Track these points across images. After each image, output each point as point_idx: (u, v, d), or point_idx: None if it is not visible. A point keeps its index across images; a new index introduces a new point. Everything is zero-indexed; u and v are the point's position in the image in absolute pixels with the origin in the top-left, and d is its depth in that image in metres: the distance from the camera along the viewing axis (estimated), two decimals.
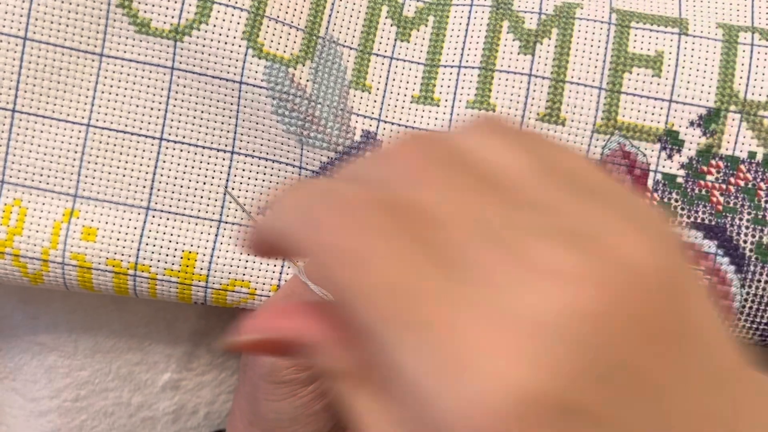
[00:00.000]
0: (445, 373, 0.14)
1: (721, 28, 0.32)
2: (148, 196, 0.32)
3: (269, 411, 0.31)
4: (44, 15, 0.31)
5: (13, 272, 0.32)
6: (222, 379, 0.42)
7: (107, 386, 0.40)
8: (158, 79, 0.32)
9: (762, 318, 0.32)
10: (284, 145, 0.32)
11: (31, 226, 0.32)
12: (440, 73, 0.33)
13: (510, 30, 0.32)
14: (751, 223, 0.32)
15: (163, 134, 0.32)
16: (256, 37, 0.31)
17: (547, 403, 0.13)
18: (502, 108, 0.32)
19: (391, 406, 0.16)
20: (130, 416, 0.40)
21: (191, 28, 0.31)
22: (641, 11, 0.33)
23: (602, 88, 0.32)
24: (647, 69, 0.32)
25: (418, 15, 0.33)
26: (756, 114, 0.31)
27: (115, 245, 0.32)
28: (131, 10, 0.32)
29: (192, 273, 0.33)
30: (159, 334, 0.40)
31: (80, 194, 0.32)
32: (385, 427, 0.15)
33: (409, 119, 0.33)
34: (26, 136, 0.32)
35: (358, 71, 0.33)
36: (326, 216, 0.16)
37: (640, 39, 0.32)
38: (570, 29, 0.32)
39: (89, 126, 0.32)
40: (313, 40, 0.32)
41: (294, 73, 0.32)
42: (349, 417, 0.17)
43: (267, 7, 0.32)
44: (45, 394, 0.39)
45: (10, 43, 0.31)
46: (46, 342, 0.39)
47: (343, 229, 0.15)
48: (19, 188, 0.32)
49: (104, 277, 0.32)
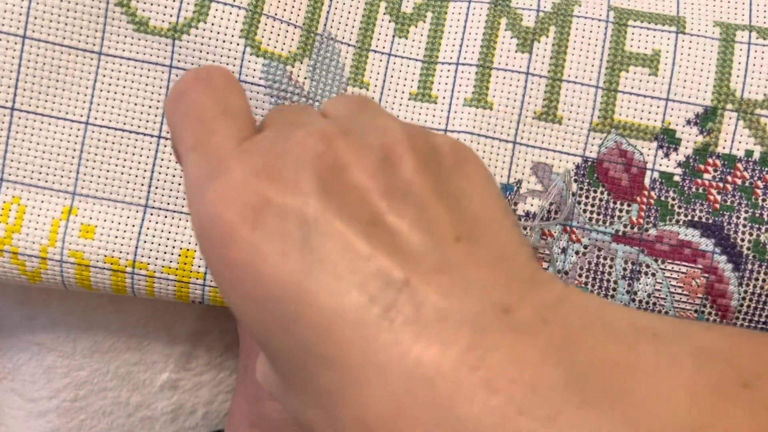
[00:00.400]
0: (207, 176, 0.19)
1: (718, 26, 0.32)
2: (147, 194, 0.32)
3: (273, 411, 0.31)
4: (43, 13, 0.31)
5: (12, 270, 0.32)
6: (220, 379, 0.42)
7: (106, 386, 0.40)
8: (156, 77, 0.32)
9: (760, 316, 0.32)
10: None
11: (30, 223, 0.32)
12: (438, 70, 0.33)
13: (508, 27, 0.32)
14: (749, 222, 0.32)
15: (161, 132, 0.32)
16: (254, 35, 0.31)
17: (254, 199, 0.18)
18: (500, 106, 0.32)
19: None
20: (129, 416, 0.40)
21: (189, 27, 0.31)
22: (639, 9, 0.33)
23: (599, 86, 0.32)
24: (644, 67, 0.32)
25: (416, 12, 0.33)
26: (753, 112, 0.31)
27: (114, 243, 0.32)
28: (130, 9, 0.32)
29: (190, 271, 0.33)
30: (157, 334, 0.40)
31: (79, 192, 0.32)
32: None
33: (406, 116, 0.33)
34: (25, 134, 0.32)
35: (356, 68, 0.33)
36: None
37: (638, 37, 0.32)
38: (567, 27, 0.32)
39: (88, 124, 0.32)
40: (311, 37, 0.32)
41: (292, 70, 0.32)
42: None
43: (265, 5, 0.32)
44: (44, 394, 0.39)
45: (9, 42, 0.31)
46: (45, 342, 0.39)
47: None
48: (17, 186, 0.32)
49: (102, 275, 0.32)
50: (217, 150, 0.20)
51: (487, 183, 0.20)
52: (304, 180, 0.18)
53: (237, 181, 0.19)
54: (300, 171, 0.19)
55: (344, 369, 0.16)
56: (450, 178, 0.20)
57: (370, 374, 0.16)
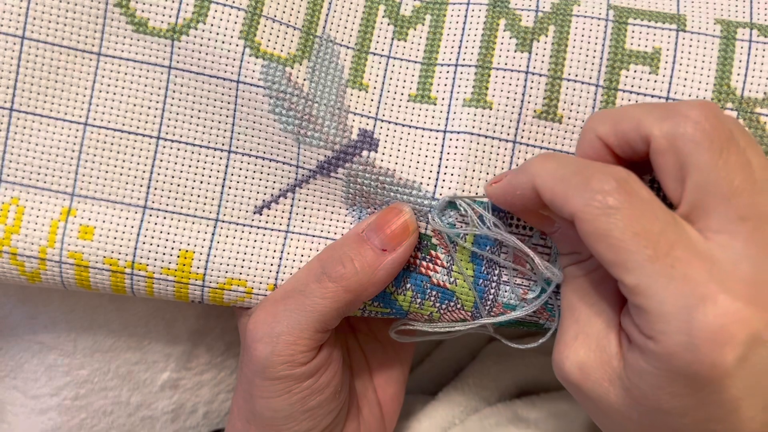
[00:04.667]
0: (685, 302, 0.23)
1: (719, 23, 0.32)
2: (145, 195, 0.32)
3: (264, 409, 0.31)
4: (42, 14, 0.31)
5: (11, 270, 0.32)
6: (221, 379, 0.42)
7: (106, 385, 0.40)
8: (155, 78, 0.32)
9: None
10: (281, 144, 0.32)
11: (29, 224, 0.32)
12: (437, 71, 0.33)
13: (507, 28, 0.32)
14: None
15: (160, 133, 0.32)
16: (253, 36, 0.31)
17: (761, 337, 0.23)
18: (499, 105, 0.32)
19: (594, 304, 0.27)
20: (129, 415, 0.40)
21: (188, 28, 0.31)
22: (639, 7, 0.32)
23: (599, 85, 0.31)
24: (644, 66, 0.31)
25: (415, 14, 0.33)
26: (752, 111, 0.31)
27: (112, 244, 0.32)
28: (129, 10, 0.32)
29: (189, 272, 0.33)
30: (158, 334, 0.40)
31: (77, 193, 0.32)
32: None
33: (406, 118, 0.33)
34: (24, 135, 0.32)
35: (355, 70, 0.33)
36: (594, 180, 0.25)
37: (638, 36, 0.32)
38: (567, 26, 0.32)
39: (87, 125, 0.32)
40: (310, 39, 0.32)
41: (291, 72, 0.32)
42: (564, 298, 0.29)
43: (264, 7, 0.32)
44: (45, 391, 0.39)
45: (8, 42, 0.31)
46: (46, 341, 0.39)
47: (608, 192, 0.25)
48: (16, 187, 0.32)
49: (101, 276, 0.33)
50: (689, 267, 0.23)
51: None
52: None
53: (729, 314, 0.22)
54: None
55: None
56: None
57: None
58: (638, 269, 0.24)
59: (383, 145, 0.32)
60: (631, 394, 0.25)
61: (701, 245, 0.24)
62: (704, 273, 0.23)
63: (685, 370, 0.23)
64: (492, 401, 0.42)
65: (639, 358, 0.25)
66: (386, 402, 0.37)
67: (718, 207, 0.25)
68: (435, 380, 0.45)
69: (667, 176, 0.26)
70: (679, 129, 0.25)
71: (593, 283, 0.28)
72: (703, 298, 0.23)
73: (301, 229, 0.33)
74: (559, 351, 0.28)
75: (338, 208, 0.33)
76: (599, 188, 0.25)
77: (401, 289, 0.33)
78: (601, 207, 0.24)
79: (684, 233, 0.25)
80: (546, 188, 0.26)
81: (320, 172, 0.32)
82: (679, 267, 0.24)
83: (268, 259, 0.33)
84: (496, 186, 0.29)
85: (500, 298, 0.32)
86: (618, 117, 0.27)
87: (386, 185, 0.32)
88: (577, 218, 0.25)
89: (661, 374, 0.24)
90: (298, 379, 0.31)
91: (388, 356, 0.38)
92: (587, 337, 0.27)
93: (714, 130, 0.25)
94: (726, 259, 0.24)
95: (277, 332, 0.30)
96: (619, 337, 0.26)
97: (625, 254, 0.24)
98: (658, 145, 0.26)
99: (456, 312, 0.33)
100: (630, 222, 0.24)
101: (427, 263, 0.32)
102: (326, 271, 0.31)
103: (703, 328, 0.23)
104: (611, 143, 0.27)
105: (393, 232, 0.31)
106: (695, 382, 0.23)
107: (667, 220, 0.25)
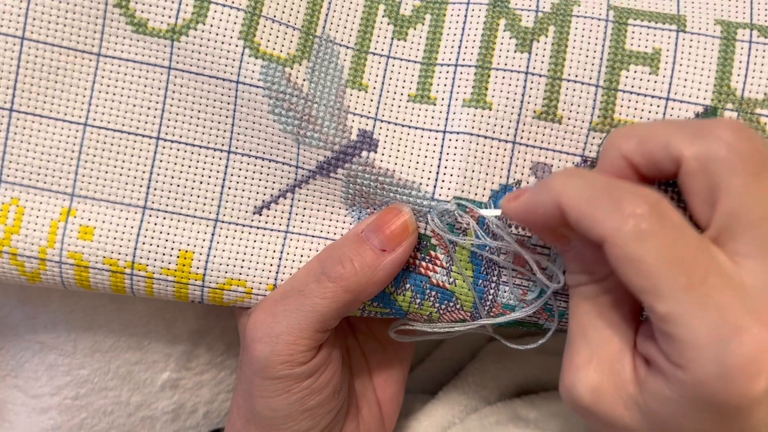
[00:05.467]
0: (718, 332, 0.23)
1: (719, 24, 0.32)
2: (145, 195, 0.33)
3: (264, 408, 0.32)
4: (42, 15, 0.31)
5: (11, 271, 0.32)
6: (221, 379, 0.42)
7: (107, 385, 0.40)
8: (155, 78, 0.32)
9: None
10: (281, 145, 0.32)
11: (29, 224, 0.32)
12: (437, 71, 0.33)
13: (507, 28, 0.32)
14: None
15: (160, 134, 0.32)
16: (252, 36, 0.31)
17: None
18: (499, 106, 0.31)
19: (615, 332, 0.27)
20: (129, 415, 0.41)
21: (188, 28, 0.31)
22: (639, 8, 0.32)
23: (599, 85, 0.31)
24: (644, 66, 0.31)
25: (415, 14, 0.33)
26: (753, 112, 0.31)
27: (112, 244, 0.32)
28: (128, 10, 0.32)
29: (188, 272, 0.33)
30: (158, 334, 0.40)
31: (77, 193, 0.32)
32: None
33: (405, 118, 0.33)
34: (24, 135, 0.32)
35: (354, 70, 0.33)
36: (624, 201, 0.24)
37: (638, 36, 0.32)
38: (567, 27, 0.32)
39: (86, 125, 0.32)
40: (309, 39, 0.32)
41: (290, 72, 0.32)
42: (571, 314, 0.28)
43: (264, 7, 0.32)
44: (46, 390, 0.39)
45: (7, 43, 0.31)
46: (46, 341, 0.39)
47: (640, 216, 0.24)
48: (16, 187, 0.32)
49: (101, 276, 0.33)
50: (722, 296, 0.23)
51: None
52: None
53: (761, 345, 0.23)
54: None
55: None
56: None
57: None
58: (671, 297, 0.23)
59: (383, 145, 0.32)
60: (649, 419, 0.25)
61: (731, 271, 0.24)
62: (737, 302, 0.23)
63: (713, 398, 0.23)
64: (492, 400, 0.42)
65: (663, 384, 0.24)
66: (385, 401, 0.37)
67: (748, 231, 0.24)
68: (435, 380, 0.45)
69: (698, 198, 0.25)
70: (712, 150, 0.25)
71: (607, 305, 0.27)
72: (738, 329, 0.23)
73: (301, 230, 0.33)
74: (569, 374, 0.27)
75: (338, 208, 0.33)
76: (631, 212, 0.24)
77: (400, 290, 0.33)
78: (634, 232, 0.24)
79: (715, 259, 0.24)
80: (572, 208, 0.25)
81: (320, 173, 0.32)
82: (714, 296, 0.23)
83: (268, 260, 0.33)
84: (516, 204, 0.28)
85: (499, 299, 0.32)
86: (645, 135, 0.27)
87: (386, 185, 0.32)
88: (607, 242, 0.24)
89: (685, 402, 0.24)
90: (298, 379, 0.31)
91: (388, 356, 0.38)
92: (600, 360, 0.26)
93: (748, 152, 0.25)
94: (755, 286, 0.24)
95: (277, 332, 0.30)
96: (634, 362, 0.26)
97: (658, 281, 0.23)
98: (690, 167, 0.25)
99: (455, 312, 0.33)
100: (663, 248, 0.24)
101: (427, 263, 0.32)
102: (326, 272, 0.31)
103: (736, 359, 0.22)
104: (637, 162, 0.27)
105: (392, 232, 0.31)
106: (722, 409, 0.23)
107: (699, 246, 0.24)
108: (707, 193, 0.25)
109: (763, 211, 0.24)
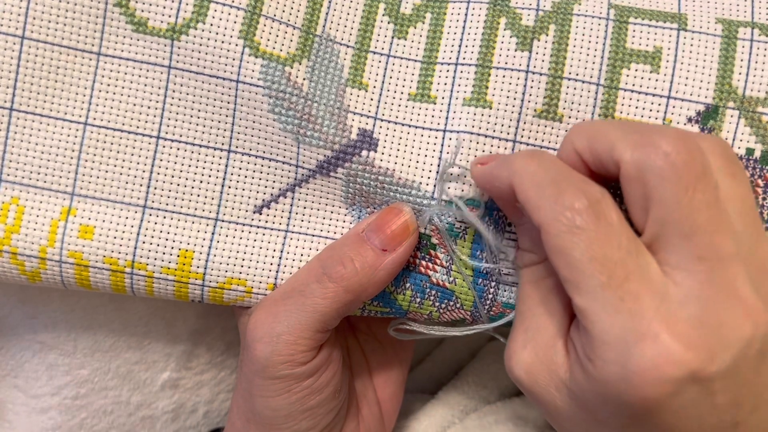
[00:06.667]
0: (626, 335, 0.23)
1: (720, 23, 0.32)
2: (145, 195, 0.32)
3: (264, 408, 0.31)
4: (42, 14, 0.31)
5: (11, 270, 0.32)
6: (221, 378, 0.42)
7: (107, 385, 0.40)
8: (155, 77, 0.32)
9: None
10: (281, 144, 0.32)
11: (29, 224, 0.32)
12: (437, 70, 0.33)
13: (507, 27, 0.32)
14: None
15: (160, 133, 0.32)
16: (252, 35, 0.31)
17: (694, 378, 0.23)
18: (499, 104, 0.31)
19: (547, 316, 0.28)
20: (130, 415, 0.40)
21: (188, 27, 0.31)
22: (640, 7, 0.32)
23: (600, 84, 0.31)
24: (645, 65, 0.31)
25: (415, 12, 0.33)
26: (754, 110, 0.31)
27: (112, 243, 0.32)
28: (128, 9, 0.32)
29: (189, 271, 0.33)
30: (158, 333, 0.40)
31: (77, 192, 0.32)
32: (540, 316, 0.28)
33: (405, 117, 0.32)
34: (24, 135, 0.32)
35: (354, 69, 0.33)
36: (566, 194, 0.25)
37: (639, 35, 0.32)
38: (567, 25, 0.32)
39: (86, 124, 0.32)
40: (309, 38, 0.32)
41: (290, 71, 0.32)
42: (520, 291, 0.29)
43: (264, 6, 0.32)
44: (46, 390, 0.39)
45: (8, 42, 0.31)
46: (46, 341, 0.39)
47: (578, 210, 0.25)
48: (16, 186, 0.32)
49: (101, 275, 0.33)
50: (637, 302, 0.24)
51: None
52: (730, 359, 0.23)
53: (668, 354, 0.23)
54: (731, 350, 0.23)
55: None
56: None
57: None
58: (589, 293, 0.24)
59: (383, 144, 0.32)
60: (577, 403, 0.26)
61: (657, 279, 0.24)
62: (651, 309, 0.24)
63: (616, 398, 0.24)
64: (491, 400, 0.42)
65: (581, 373, 0.25)
66: (385, 401, 0.37)
67: (679, 243, 0.25)
68: (435, 379, 0.45)
69: (633, 204, 0.26)
70: (649, 160, 0.25)
71: (548, 288, 0.28)
72: (644, 336, 0.23)
73: (301, 229, 0.33)
74: (508, 354, 0.28)
75: (338, 207, 0.33)
76: (570, 205, 0.25)
77: (401, 289, 0.33)
78: (568, 225, 0.25)
79: (642, 265, 0.25)
80: (521, 190, 0.27)
81: (320, 172, 0.32)
82: (628, 300, 0.24)
83: (268, 259, 0.33)
84: (479, 170, 0.30)
85: (499, 298, 0.32)
86: (595, 135, 0.27)
87: (386, 185, 0.32)
88: (543, 230, 0.25)
89: (596, 395, 0.25)
90: (298, 379, 0.31)
91: (388, 356, 0.38)
92: (536, 343, 0.27)
93: (684, 165, 0.25)
94: (677, 298, 0.24)
95: (278, 332, 0.30)
96: (567, 347, 0.27)
97: (580, 276, 0.24)
98: (626, 172, 0.26)
99: (455, 311, 0.33)
100: (591, 245, 0.24)
101: (427, 263, 0.32)
102: (326, 271, 0.31)
103: (638, 364, 0.23)
104: (586, 159, 0.27)
105: (393, 232, 0.31)
106: (628, 409, 0.24)
107: (629, 248, 0.25)
108: (642, 200, 0.25)
109: (692, 225, 0.24)
